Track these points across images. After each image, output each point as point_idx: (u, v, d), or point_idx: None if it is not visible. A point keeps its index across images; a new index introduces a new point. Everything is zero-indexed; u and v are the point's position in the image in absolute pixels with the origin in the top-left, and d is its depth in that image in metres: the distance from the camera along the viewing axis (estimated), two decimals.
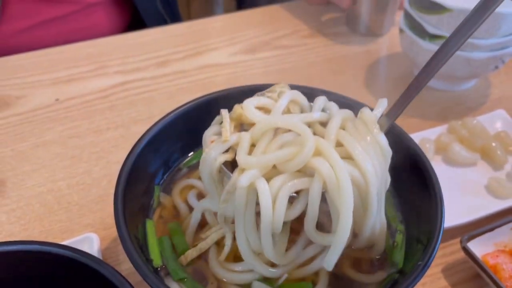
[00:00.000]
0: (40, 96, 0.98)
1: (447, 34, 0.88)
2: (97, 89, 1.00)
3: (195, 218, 0.61)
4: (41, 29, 1.19)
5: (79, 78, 1.03)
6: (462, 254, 0.68)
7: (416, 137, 0.82)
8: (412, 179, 0.62)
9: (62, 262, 0.50)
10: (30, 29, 1.18)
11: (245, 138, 0.53)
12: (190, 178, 0.67)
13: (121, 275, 0.46)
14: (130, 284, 0.46)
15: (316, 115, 0.57)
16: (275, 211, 0.49)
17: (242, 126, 0.58)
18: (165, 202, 0.65)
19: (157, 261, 0.57)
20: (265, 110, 0.57)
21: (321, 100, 0.60)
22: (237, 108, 0.57)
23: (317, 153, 0.50)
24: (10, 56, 1.08)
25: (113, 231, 0.74)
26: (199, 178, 0.63)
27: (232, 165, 0.54)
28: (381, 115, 0.55)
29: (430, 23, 0.89)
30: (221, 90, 0.70)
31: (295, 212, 0.52)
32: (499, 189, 0.76)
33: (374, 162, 0.52)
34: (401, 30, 0.97)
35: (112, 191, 0.56)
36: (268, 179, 0.50)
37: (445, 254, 0.72)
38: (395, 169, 0.65)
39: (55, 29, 1.20)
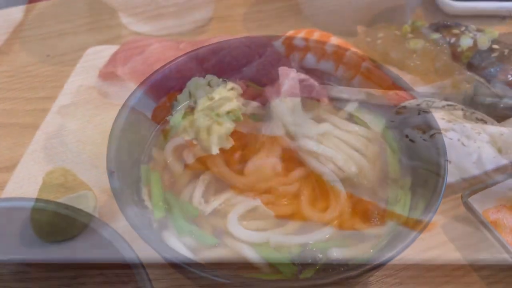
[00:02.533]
0: (31, 51, 0.96)
1: None
2: (89, 44, 0.97)
3: None
4: None
5: (70, 33, 1.00)
6: (462, 209, 0.68)
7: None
8: (415, 134, 0.61)
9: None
10: None
11: None
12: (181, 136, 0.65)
13: (111, 227, 0.46)
14: (122, 238, 0.45)
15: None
16: None
17: None
18: (158, 157, 0.63)
19: (159, 213, 0.56)
20: None
21: None
22: None
23: None
24: None
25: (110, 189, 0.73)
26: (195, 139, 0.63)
27: None
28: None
29: None
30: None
31: None
32: (502, 144, 0.75)
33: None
34: None
35: None
36: None
37: (446, 209, 0.71)
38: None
39: None
